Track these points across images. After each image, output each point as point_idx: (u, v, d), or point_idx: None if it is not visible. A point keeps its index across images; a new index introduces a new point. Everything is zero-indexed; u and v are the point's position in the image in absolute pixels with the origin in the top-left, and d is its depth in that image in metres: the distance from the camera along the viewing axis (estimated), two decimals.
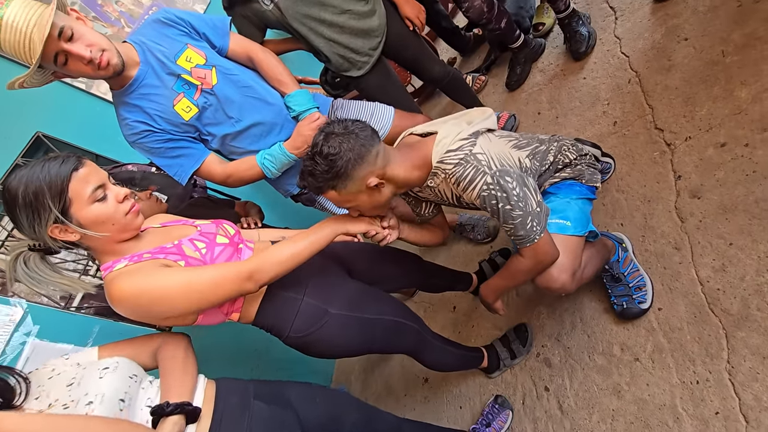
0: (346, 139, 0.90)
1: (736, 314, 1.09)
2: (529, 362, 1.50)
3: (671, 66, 1.50)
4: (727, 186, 1.22)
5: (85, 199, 0.81)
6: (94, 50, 1.04)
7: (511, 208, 0.95)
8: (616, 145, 1.55)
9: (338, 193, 0.94)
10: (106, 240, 0.85)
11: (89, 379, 0.75)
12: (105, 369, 0.78)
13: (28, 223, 0.79)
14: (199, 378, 0.90)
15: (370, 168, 0.94)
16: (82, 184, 0.81)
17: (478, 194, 0.97)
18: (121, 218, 0.85)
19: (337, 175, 0.90)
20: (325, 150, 0.89)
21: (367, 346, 1.10)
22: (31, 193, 0.77)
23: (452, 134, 1.02)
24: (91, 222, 0.82)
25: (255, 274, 0.89)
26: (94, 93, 2.15)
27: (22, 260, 0.83)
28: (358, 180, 0.93)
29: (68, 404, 0.71)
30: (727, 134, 1.27)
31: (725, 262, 1.15)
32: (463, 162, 0.98)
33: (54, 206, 0.77)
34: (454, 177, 0.99)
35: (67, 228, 0.81)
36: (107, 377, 0.76)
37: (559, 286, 1.06)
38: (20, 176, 0.79)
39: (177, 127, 1.20)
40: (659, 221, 1.33)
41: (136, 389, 0.80)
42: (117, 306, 0.82)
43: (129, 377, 0.79)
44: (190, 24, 1.25)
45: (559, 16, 1.86)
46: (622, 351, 1.27)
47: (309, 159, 0.93)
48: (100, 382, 0.75)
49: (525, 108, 2.02)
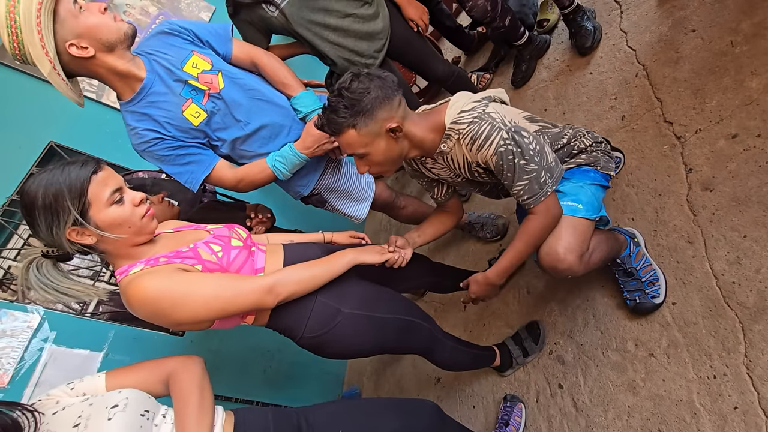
0: (374, 79, 0.95)
1: (753, 307, 1.07)
2: (541, 360, 1.49)
3: (679, 58, 1.49)
4: (740, 177, 1.20)
5: (104, 202, 0.82)
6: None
7: (525, 162, 0.97)
8: (625, 139, 1.54)
9: (357, 133, 0.97)
10: (121, 243, 0.86)
11: (97, 422, 0.69)
12: (114, 408, 0.72)
13: (46, 225, 0.79)
14: (216, 411, 0.87)
15: (392, 112, 0.98)
16: (101, 187, 0.82)
17: (495, 150, 0.97)
18: (137, 221, 0.87)
19: (361, 111, 0.94)
20: (354, 85, 0.93)
21: (380, 346, 1.10)
22: (51, 195, 0.78)
23: (465, 98, 1.05)
24: (109, 224, 0.83)
25: (275, 288, 0.92)
26: (104, 102, 2.18)
27: (35, 267, 0.83)
28: (380, 121, 0.96)
29: None
30: (739, 125, 1.25)
31: (740, 255, 1.13)
32: (477, 120, 0.99)
33: (73, 208, 0.79)
34: (469, 136, 1.00)
35: (85, 231, 0.82)
36: (116, 418, 0.70)
37: (565, 267, 1.05)
38: (39, 179, 0.80)
39: (186, 133, 1.22)
40: (671, 215, 1.31)
41: (149, 428, 0.74)
42: (135, 308, 0.83)
43: (140, 415, 0.74)
44: (192, 32, 1.27)
45: (563, 12, 1.85)
46: (636, 347, 1.25)
47: (335, 95, 0.95)
48: (110, 425, 0.69)
49: (531, 105, 2.01)
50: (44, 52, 0.99)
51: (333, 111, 0.95)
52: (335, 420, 0.96)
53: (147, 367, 0.88)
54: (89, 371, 1.75)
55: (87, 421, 0.70)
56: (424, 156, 1.15)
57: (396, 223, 2.66)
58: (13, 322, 1.65)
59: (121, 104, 1.19)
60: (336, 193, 1.54)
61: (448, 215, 1.33)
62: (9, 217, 1.76)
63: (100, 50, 1.08)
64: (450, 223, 1.33)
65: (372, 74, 0.97)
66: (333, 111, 0.95)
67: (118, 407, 0.72)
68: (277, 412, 0.94)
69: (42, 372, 1.63)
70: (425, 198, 2.36)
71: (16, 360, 1.59)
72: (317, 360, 1.14)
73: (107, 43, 1.08)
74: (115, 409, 0.72)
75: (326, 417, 0.97)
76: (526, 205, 1.04)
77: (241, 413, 0.90)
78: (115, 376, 0.84)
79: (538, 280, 1.64)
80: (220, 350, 2.17)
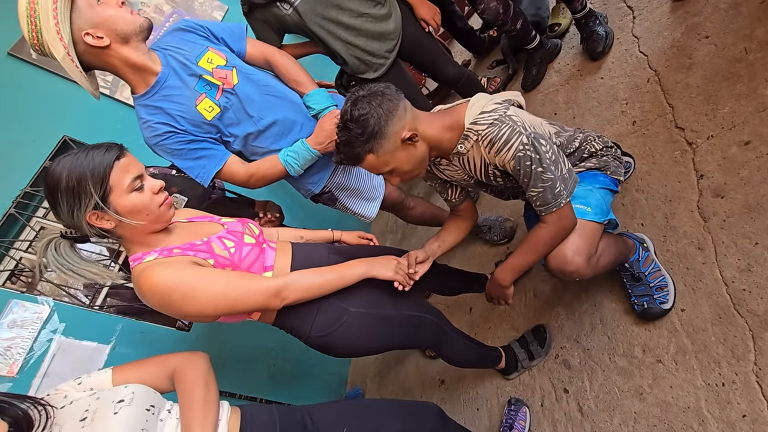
0: (372, 99, 0.95)
1: (763, 315, 1.06)
2: (547, 364, 1.49)
3: (692, 64, 1.48)
4: (752, 185, 1.19)
5: (125, 188, 0.84)
6: None
7: (542, 170, 0.97)
8: (636, 144, 1.53)
9: (376, 156, 0.97)
10: (138, 230, 0.87)
11: (104, 416, 0.70)
12: (120, 402, 0.73)
13: (67, 207, 0.81)
14: (222, 406, 0.87)
15: (401, 123, 0.98)
16: (123, 173, 0.84)
17: (514, 155, 0.97)
18: (155, 209, 0.88)
19: (372, 135, 0.94)
20: (356, 113, 0.94)
21: (388, 343, 1.11)
22: (74, 178, 0.79)
23: (486, 99, 1.05)
24: (128, 210, 0.85)
25: (283, 292, 0.93)
26: (118, 98, 2.21)
27: (53, 246, 0.85)
28: (393, 136, 0.96)
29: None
30: (752, 132, 1.24)
31: (751, 262, 1.12)
32: (497, 122, 0.99)
33: (95, 192, 0.80)
34: (488, 138, 0.99)
35: (105, 215, 0.83)
36: (122, 412, 0.71)
37: (573, 269, 1.05)
38: (64, 162, 0.81)
39: (199, 127, 1.23)
40: (681, 221, 1.31)
41: (155, 422, 0.75)
42: (146, 297, 0.84)
43: (146, 410, 0.75)
44: (208, 29, 1.29)
45: (575, 17, 1.85)
46: (643, 352, 1.25)
47: (341, 129, 0.97)
48: (116, 419, 0.70)
49: (541, 109, 2.01)
50: (59, 37, 1.01)
51: (346, 145, 0.97)
52: (339, 419, 0.96)
53: (153, 363, 0.88)
54: (96, 363, 1.76)
55: (94, 414, 0.71)
56: (439, 157, 1.15)
57: (402, 225, 2.66)
58: (24, 312, 1.67)
59: (135, 97, 1.20)
60: (347, 191, 1.55)
61: (464, 220, 1.32)
62: (22, 209, 1.78)
63: (116, 41, 1.10)
64: (466, 227, 1.32)
65: (368, 94, 0.96)
66: (346, 145, 0.97)
67: (124, 402, 0.73)
68: (282, 410, 0.94)
69: (50, 363, 1.65)
70: (433, 199, 2.36)
71: (26, 350, 1.61)
72: (321, 359, 1.14)
73: (123, 34, 1.10)
74: (122, 403, 0.73)
75: (330, 415, 0.97)
76: (539, 211, 1.04)
77: (247, 409, 0.91)
78: (122, 371, 0.85)
79: (545, 283, 1.63)
80: (225, 347, 2.18)
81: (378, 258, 1.08)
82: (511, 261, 1.14)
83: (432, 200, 2.24)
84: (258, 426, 0.87)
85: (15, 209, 1.77)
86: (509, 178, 1.11)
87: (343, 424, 0.95)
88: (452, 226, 1.32)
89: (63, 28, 1.01)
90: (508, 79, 2.33)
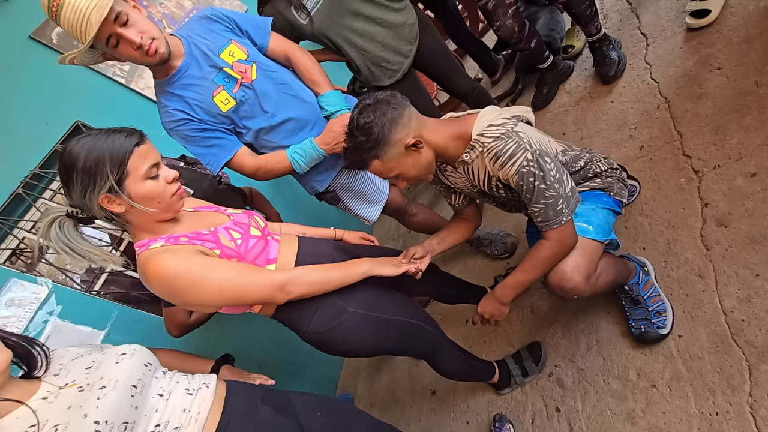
0: (377, 108, 0.98)
1: (761, 347, 1.06)
2: (540, 381, 1.48)
3: (702, 94, 1.50)
4: (756, 216, 1.20)
5: (141, 174, 0.85)
6: (145, 37, 1.10)
7: (545, 187, 0.98)
8: (642, 169, 1.54)
9: (382, 162, 1.00)
10: (148, 217, 0.88)
11: (107, 364, 0.76)
12: (122, 355, 0.78)
13: (81, 187, 0.81)
14: (211, 377, 0.90)
15: (406, 130, 1.00)
16: (141, 160, 0.85)
17: (517, 170, 0.98)
18: (167, 198, 0.89)
19: (377, 142, 0.97)
20: (361, 121, 0.97)
21: (382, 346, 1.11)
22: (92, 159, 0.80)
23: (495, 112, 1.07)
24: (141, 197, 0.85)
25: (287, 286, 0.94)
26: (133, 88, 2.24)
27: (57, 224, 0.85)
28: (397, 143, 0.99)
29: (83, 387, 0.72)
30: (759, 164, 1.25)
31: (751, 293, 1.13)
32: (504, 136, 1.00)
33: (112, 175, 0.80)
34: (493, 151, 1.00)
35: (117, 199, 0.84)
36: (123, 362, 0.77)
37: (572, 286, 1.05)
38: (83, 142, 0.81)
39: (214, 117, 1.26)
40: (683, 247, 1.31)
41: (150, 377, 0.79)
42: (151, 283, 0.85)
43: (144, 365, 0.79)
44: (234, 21, 1.32)
45: (589, 40, 1.88)
46: (638, 376, 1.24)
47: (349, 136, 1.00)
48: (116, 367, 0.75)
49: (550, 128, 2.03)
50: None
51: (352, 151, 1.01)
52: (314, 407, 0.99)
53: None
54: None
55: (99, 365, 0.77)
56: (445, 163, 1.17)
57: (404, 231, 2.67)
58: (22, 291, 1.67)
59: (156, 82, 1.23)
60: (350, 192, 1.57)
61: (467, 223, 1.34)
62: (30, 189, 1.80)
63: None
64: (468, 231, 1.34)
65: (374, 103, 1.00)
66: (352, 151, 1.01)
67: (126, 355, 0.78)
68: (265, 388, 0.99)
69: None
70: (436, 208, 2.37)
71: (21, 330, 1.61)
72: (313, 361, 1.15)
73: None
74: (124, 356, 0.78)
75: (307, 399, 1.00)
76: (540, 227, 1.05)
77: (232, 383, 0.93)
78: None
79: (543, 300, 1.63)
80: (218, 342, 2.17)
81: (381, 257, 1.08)
82: (511, 279, 1.14)
83: (436, 209, 2.25)
84: (242, 392, 0.90)
85: (22, 189, 1.78)
86: (511, 192, 1.12)
87: (317, 411, 0.98)
88: (454, 227, 1.34)
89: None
90: (517, 95, 2.36)
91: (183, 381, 0.84)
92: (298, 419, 0.92)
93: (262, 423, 0.85)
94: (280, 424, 0.88)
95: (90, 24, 1.01)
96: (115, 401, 0.70)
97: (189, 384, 0.83)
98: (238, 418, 0.83)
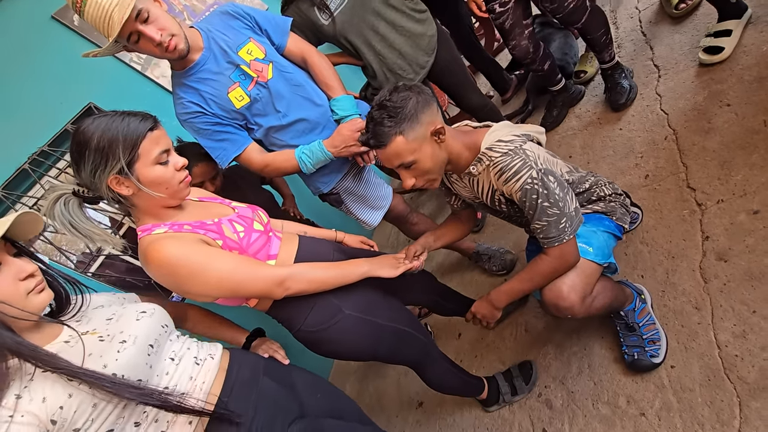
0: (411, 89, 0.99)
1: (753, 383, 1.06)
2: (529, 401, 1.47)
3: (710, 129, 1.51)
4: (757, 253, 1.20)
5: (151, 159, 0.85)
6: (165, 34, 1.11)
7: (549, 205, 0.99)
8: (646, 197, 1.55)
9: (406, 140, 0.98)
10: (154, 202, 0.89)
11: (127, 319, 0.79)
12: (143, 312, 0.81)
13: (92, 166, 0.82)
14: (217, 348, 0.92)
15: (433, 117, 1.01)
16: (153, 145, 0.85)
17: (521, 186, 0.99)
18: (175, 185, 0.90)
19: (406, 116, 0.96)
20: (394, 96, 0.97)
21: (373, 351, 1.10)
22: (106, 139, 0.81)
23: (507, 128, 1.08)
24: (150, 181, 0.86)
25: (286, 282, 0.94)
26: (148, 75, 2.26)
27: (63, 201, 0.85)
28: (425, 125, 0.99)
29: (104, 337, 0.74)
30: (762, 202, 1.26)
31: (746, 329, 1.13)
32: (511, 153, 1.02)
33: (123, 157, 0.81)
34: (499, 166, 1.02)
35: (126, 181, 0.84)
36: (143, 320, 0.80)
37: (567, 305, 1.06)
38: (99, 122, 0.82)
39: (227, 113, 1.27)
40: (681, 278, 1.31)
41: (165, 339, 0.82)
42: (152, 268, 0.85)
43: (161, 326, 0.82)
44: (254, 19, 1.33)
45: (602, 67, 1.90)
46: (628, 403, 1.24)
47: (377, 109, 0.98)
48: (137, 324, 0.78)
49: (557, 150, 2.04)
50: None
51: (378, 123, 0.97)
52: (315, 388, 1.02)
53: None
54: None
55: (119, 318, 0.79)
56: (452, 172, 1.18)
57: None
58: None
59: (173, 73, 1.24)
60: (354, 196, 1.57)
61: (463, 224, 1.38)
62: (36, 166, 1.80)
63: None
64: (463, 231, 1.39)
65: (408, 86, 1.01)
66: (378, 123, 0.97)
67: (146, 313, 0.82)
68: (268, 361, 1.01)
69: None
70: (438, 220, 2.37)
71: None
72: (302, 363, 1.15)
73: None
74: (144, 314, 0.81)
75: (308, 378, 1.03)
76: (542, 243, 1.06)
77: (236, 352, 0.95)
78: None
79: (537, 320, 1.63)
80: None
81: (380, 258, 1.09)
82: (507, 286, 1.16)
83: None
84: (245, 364, 0.92)
85: (29, 165, 1.78)
86: (514, 207, 1.13)
87: (317, 393, 1.00)
88: (451, 225, 1.38)
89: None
90: (527, 115, 2.38)
91: (193, 348, 0.87)
92: (299, 396, 0.94)
93: (263, 393, 0.87)
94: (280, 397, 0.90)
95: (113, 22, 1.03)
96: (133, 356, 0.72)
97: (198, 353, 0.86)
98: (241, 388, 0.86)
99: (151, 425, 0.74)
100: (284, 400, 0.90)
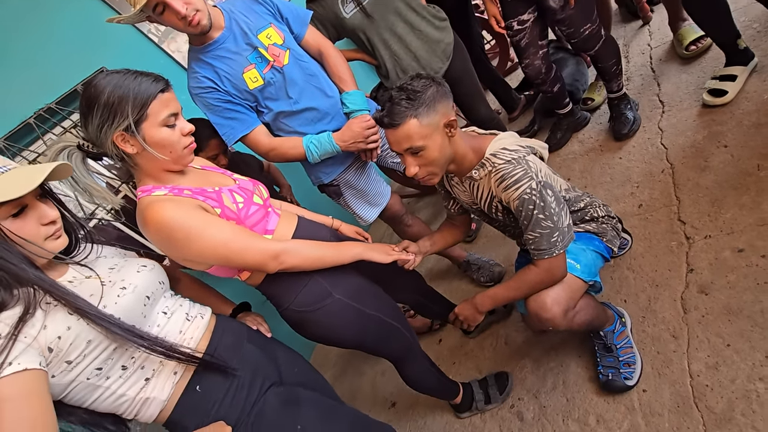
0: (433, 79, 1.03)
1: (720, 414, 1.08)
2: (501, 411, 1.49)
3: (706, 167, 1.56)
4: (737, 289, 1.24)
5: (159, 121, 0.87)
6: (190, 8, 1.14)
7: (543, 218, 1.01)
8: (637, 226, 1.59)
9: (420, 124, 0.99)
10: (156, 164, 0.90)
11: (128, 270, 0.84)
12: (143, 266, 0.86)
13: (100, 121, 0.82)
14: (207, 310, 0.94)
15: (449, 110, 1.04)
16: (162, 106, 0.86)
17: (519, 195, 1.02)
18: (179, 149, 0.91)
19: (424, 102, 0.98)
20: (415, 82, 1.00)
21: (358, 339, 1.11)
22: (116, 96, 0.82)
23: (513, 138, 1.11)
24: (155, 142, 0.87)
25: (281, 256, 0.94)
26: (164, 48, 2.27)
27: (66, 153, 0.85)
28: (440, 114, 1.01)
29: (105, 282, 0.79)
30: (747, 242, 1.30)
31: (719, 361, 1.15)
32: (514, 162, 1.04)
33: (132, 114, 0.82)
34: (501, 173, 1.04)
35: (131, 139, 0.85)
36: (143, 273, 0.85)
37: (549, 317, 1.08)
38: (110, 78, 0.83)
39: (239, 92, 1.28)
40: (662, 307, 1.34)
41: (160, 294, 0.87)
42: (149, 229, 0.86)
43: (159, 282, 0.88)
44: (276, 6, 1.36)
45: (610, 96, 1.95)
46: (597, 422, 1.25)
47: (396, 91, 1.00)
48: (137, 275, 0.83)
49: (557, 171, 2.07)
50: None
51: (395, 103, 0.98)
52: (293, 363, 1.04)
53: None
54: None
55: (121, 268, 0.85)
56: (454, 174, 1.20)
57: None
58: None
59: (191, 47, 1.26)
60: (353, 190, 1.59)
61: (457, 229, 1.40)
62: (41, 122, 1.80)
63: None
64: (457, 236, 1.41)
65: (431, 75, 1.05)
66: (395, 103, 0.98)
67: (147, 267, 0.88)
68: (251, 330, 1.04)
69: None
70: (433, 226, 2.39)
71: None
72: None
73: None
74: (144, 268, 0.87)
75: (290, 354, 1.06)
76: (532, 254, 1.08)
77: (222, 318, 0.99)
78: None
79: (518, 333, 1.65)
80: None
81: (374, 243, 1.11)
82: (492, 291, 1.19)
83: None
84: (229, 330, 0.95)
85: (34, 120, 1.79)
86: (509, 216, 1.15)
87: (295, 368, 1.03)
88: (446, 231, 1.40)
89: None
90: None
91: (185, 305, 0.92)
92: (279, 366, 0.97)
93: (245, 358, 0.91)
94: (261, 362, 0.93)
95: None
96: (130, 302, 0.78)
97: (189, 311, 0.91)
98: (225, 350, 0.89)
99: (137, 371, 0.77)
100: (264, 366, 0.93)
